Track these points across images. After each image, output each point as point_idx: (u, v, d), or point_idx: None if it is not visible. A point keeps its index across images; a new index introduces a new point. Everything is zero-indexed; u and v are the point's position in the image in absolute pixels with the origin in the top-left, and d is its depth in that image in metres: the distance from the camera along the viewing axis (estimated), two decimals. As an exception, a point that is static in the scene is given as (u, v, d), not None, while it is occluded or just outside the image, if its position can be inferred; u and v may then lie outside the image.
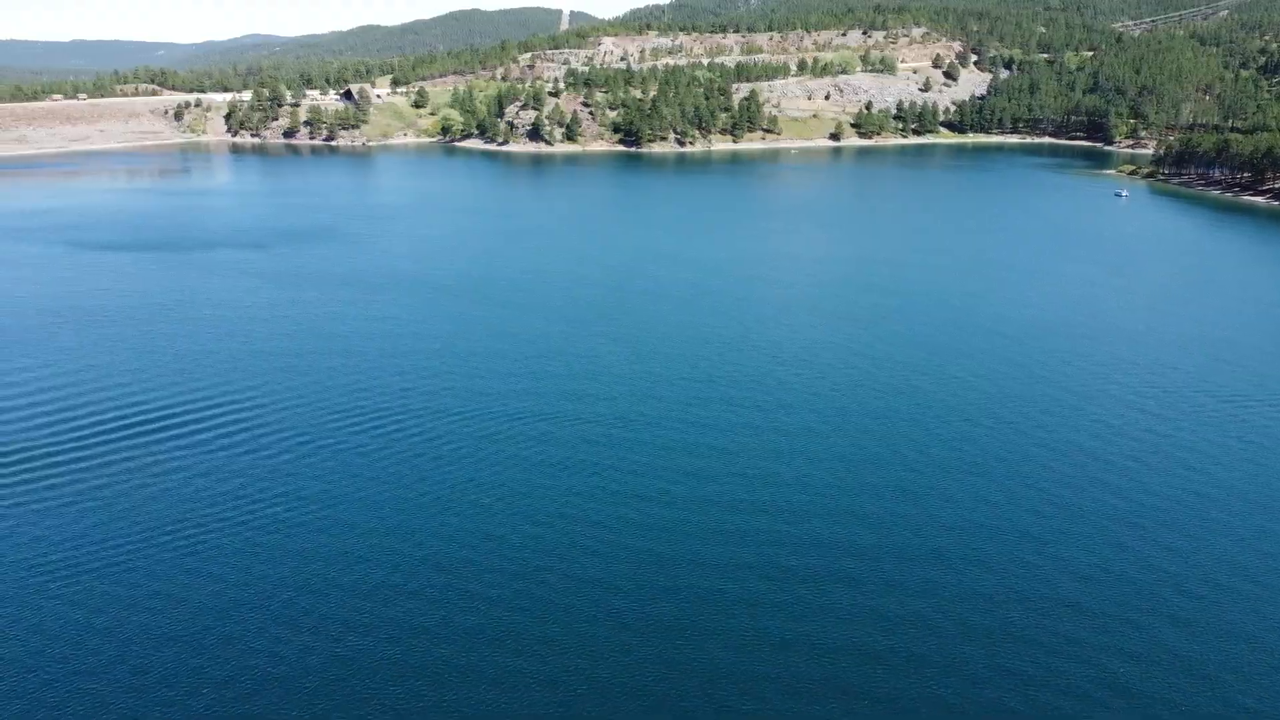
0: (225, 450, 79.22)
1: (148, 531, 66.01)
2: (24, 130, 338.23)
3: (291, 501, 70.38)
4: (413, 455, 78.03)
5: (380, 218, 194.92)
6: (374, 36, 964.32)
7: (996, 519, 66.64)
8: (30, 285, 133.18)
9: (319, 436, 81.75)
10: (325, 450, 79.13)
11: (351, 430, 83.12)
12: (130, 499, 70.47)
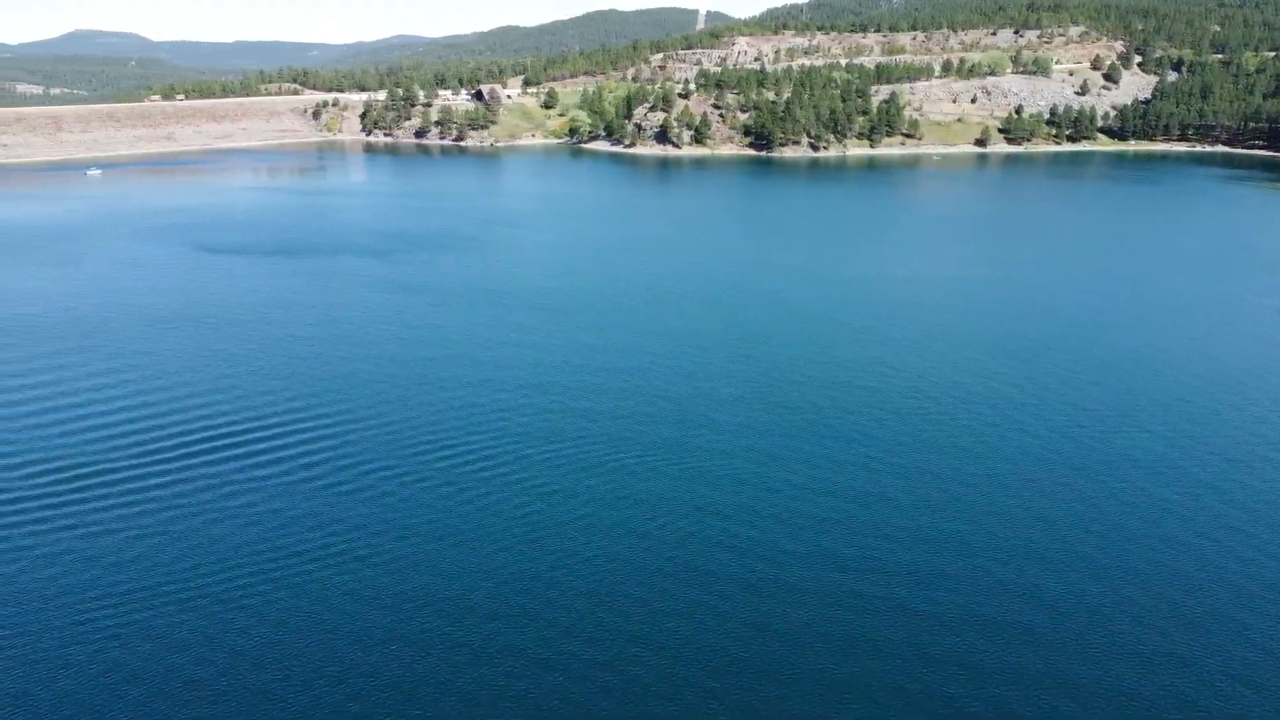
0: (308, 469, 74.26)
1: (224, 560, 61.40)
2: (172, 128, 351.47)
3: (371, 532, 64.31)
4: (509, 486, 70.64)
5: (500, 223, 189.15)
6: (513, 37, 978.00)
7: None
8: (144, 288, 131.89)
9: (407, 461, 75.33)
10: (412, 477, 72.69)
11: (442, 457, 76.37)
12: (207, 521, 65.64)
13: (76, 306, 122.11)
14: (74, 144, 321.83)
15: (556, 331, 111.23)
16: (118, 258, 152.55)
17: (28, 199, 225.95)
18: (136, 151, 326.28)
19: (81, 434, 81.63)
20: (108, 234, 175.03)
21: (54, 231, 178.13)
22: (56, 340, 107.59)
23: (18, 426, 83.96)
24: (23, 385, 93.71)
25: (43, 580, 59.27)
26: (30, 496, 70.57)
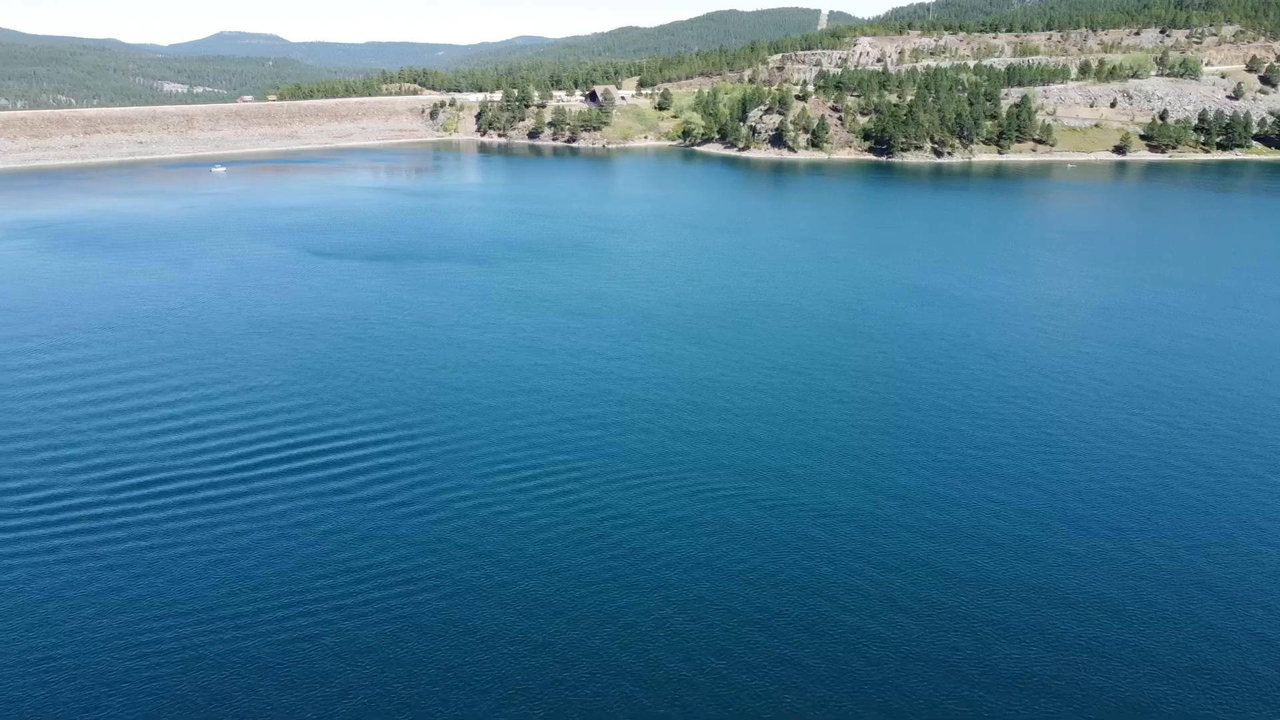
0: (385, 483, 71.06)
1: (287, 580, 58.69)
2: (296, 127, 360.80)
3: (446, 557, 60.57)
4: (596, 511, 65.77)
5: (607, 229, 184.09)
6: (631, 38, 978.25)
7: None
8: (248, 290, 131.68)
9: (489, 480, 71.49)
10: (494, 498, 68.84)
11: (526, 477, 72.30)
12: (277, 535, 62.47)
13: (181, 306, 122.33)
14: (203, 142, 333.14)
15: (657, 347, 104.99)
16: (228, 257, 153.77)
17: (154, 195, 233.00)
18: (261, 149, 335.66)
19: (163, 438, 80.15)
20: (222, 232, 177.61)
21: (173, 229, 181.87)
22: (156, 341, 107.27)
23: (99, 426, 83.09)
24: (114, 383, 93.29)
25: (106, 590, 57.48)
26: (104, 501, 69.04)
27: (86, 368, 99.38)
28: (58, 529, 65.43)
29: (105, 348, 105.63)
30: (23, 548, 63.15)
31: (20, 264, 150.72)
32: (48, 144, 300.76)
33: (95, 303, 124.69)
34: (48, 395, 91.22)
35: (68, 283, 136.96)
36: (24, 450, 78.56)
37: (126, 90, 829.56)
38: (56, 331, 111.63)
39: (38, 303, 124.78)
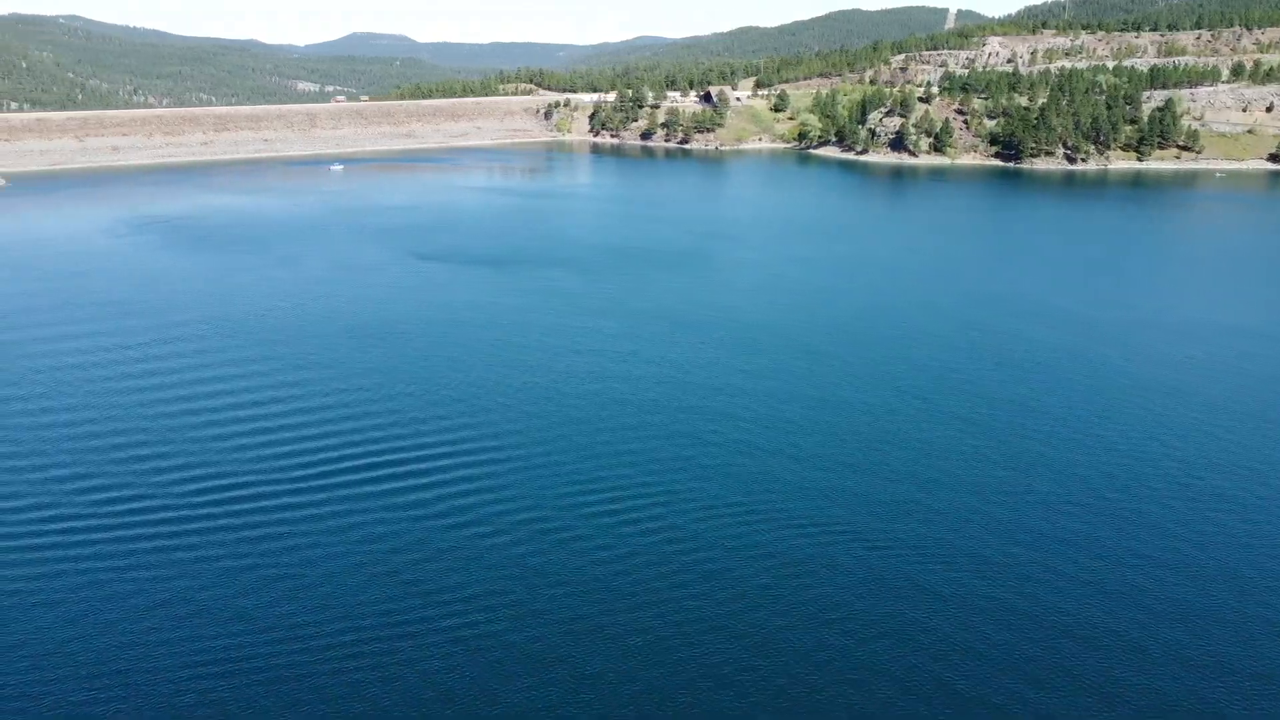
0: (463, 499, 68.18)
1: (354, 599, 56.29)
2: (414, 126, 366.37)
3: (518, 581, 57.25)
4: (675, 550, 59.77)
5: (716, 235, 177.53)
6: (751, 38, 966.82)
7: None
8: (349, 294, 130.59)
9: (565, 503, 67.49)
10: (566, 522, 64.87)
11: (609, 505, 67.98)
12: (346, 549, 60.48)
13: (280, 308, 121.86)
14: (325, 140, 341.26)
15: (762, 361, 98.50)
16: (332, 258, 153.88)
17: (272, 192, 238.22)
18: (379, 148, 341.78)
19: (246, 441, 78.95)
20: (330, 232, 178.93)
21: (284, 227, 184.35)
22: (251, 343, 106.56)
23: (186, 424, 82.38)
24: (206, 384, 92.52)
25: (174, 596, 56.30)
26: (183, 505, 68.04)
27: (182, 365, 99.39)
28: (134, 531, 64.41)
29: (202, 347, 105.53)
30: (98, 549, 62.12)
31: (136, 259, 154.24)
32: (180, 141, 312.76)
33: (199, 301, 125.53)
34: (142, 393, 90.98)
35: (176, 279, 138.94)
36: (112, 447, 78.19)
37: (262, 89, 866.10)
38: (159, 330, 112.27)
39: (146, 300, 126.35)
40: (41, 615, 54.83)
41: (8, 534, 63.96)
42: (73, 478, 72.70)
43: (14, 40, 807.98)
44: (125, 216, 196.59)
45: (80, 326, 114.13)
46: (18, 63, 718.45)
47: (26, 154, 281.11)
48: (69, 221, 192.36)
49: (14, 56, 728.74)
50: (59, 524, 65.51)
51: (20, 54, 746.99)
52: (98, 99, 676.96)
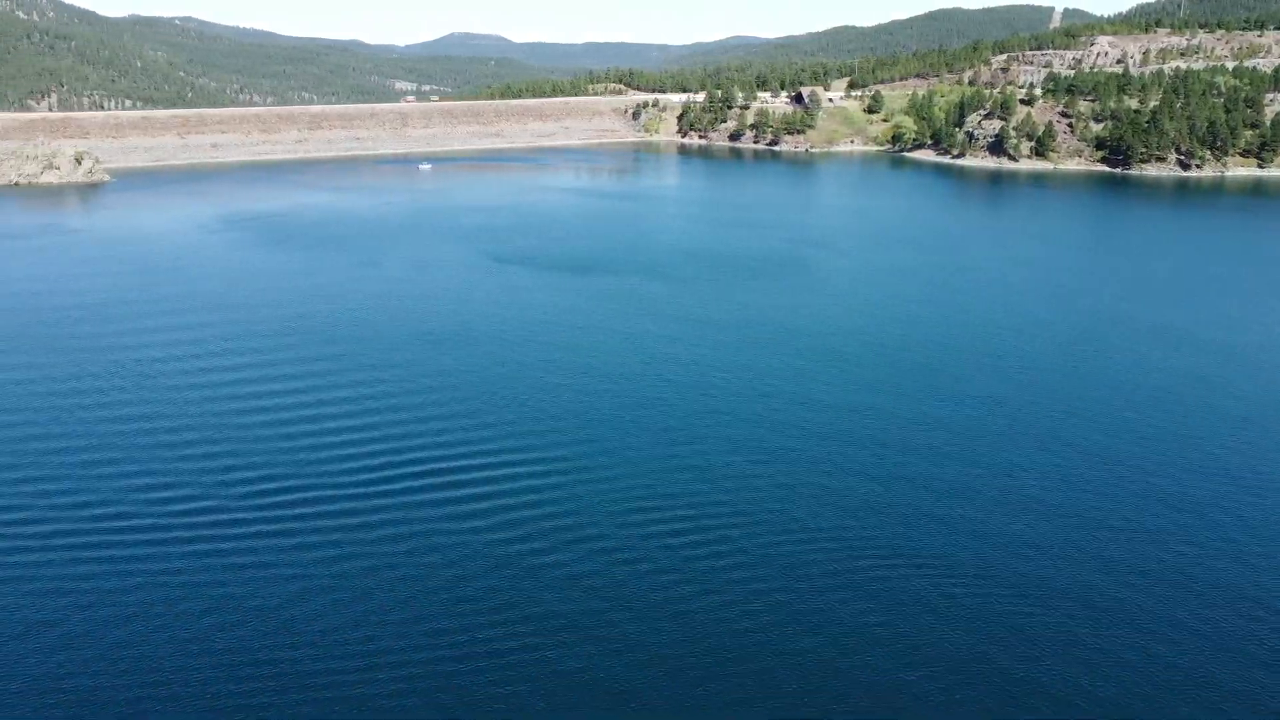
0: (524, 511, 65.63)
1: (405, 617, 54.07)
2: (502, 125, 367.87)
3: (579, 603, 52.94)
4: (748, 575, 55.05)
5: (805, 241, 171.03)
6: (846, 37, 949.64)
7: None
8: (422, 295, 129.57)
9: (638, 529, 63.70)
10: (642, 553, 60.53)
11: (679, 525, 64.51)
12: (406, 559, 57.86)
13: (356, 309, 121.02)
14: (415, 139, 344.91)
15: (846, 377, 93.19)
16: (413, 259, 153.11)
17: (360, 191, 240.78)
18: (468, 147, 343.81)
19: (312, 442, 78.24)
20: (412, 232, 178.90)
21: (368, 226, 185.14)
22: (325, 344, 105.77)
23: (256, 423, 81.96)
24: (279, 384, 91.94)
25: (223, 602, 55.01)
26: (244, 508, 67.27)
27: (253, 363, 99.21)
28: (193, 533, 63.66)
29: (275, 346, 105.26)
30: (154, 550, 61.55)
31: (224, 256, 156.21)
32: (276, 139, 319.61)
33: (278, 300, 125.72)
34: (212, 390, 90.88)
35: (259, 276, 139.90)
36: (183, 443, 78.23)
37: (361, 88, 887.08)
38: (236, 328, 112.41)
39: (227, 297, 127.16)
40: (98, 612, 54.41)
41: (76, 530, 63.75)
42: (138, 473, 72.78)
43: (131, 41, 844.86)
44: (219, 212, 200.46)
45: (164, 320, 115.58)
46: (133, 62, 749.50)
47: (132, 150, 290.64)
48: (166, 217, 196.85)
49: (130, 56, 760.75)
50: (122, 521, 65.32)
51: (136, 54, 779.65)
52: (205, 97, 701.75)
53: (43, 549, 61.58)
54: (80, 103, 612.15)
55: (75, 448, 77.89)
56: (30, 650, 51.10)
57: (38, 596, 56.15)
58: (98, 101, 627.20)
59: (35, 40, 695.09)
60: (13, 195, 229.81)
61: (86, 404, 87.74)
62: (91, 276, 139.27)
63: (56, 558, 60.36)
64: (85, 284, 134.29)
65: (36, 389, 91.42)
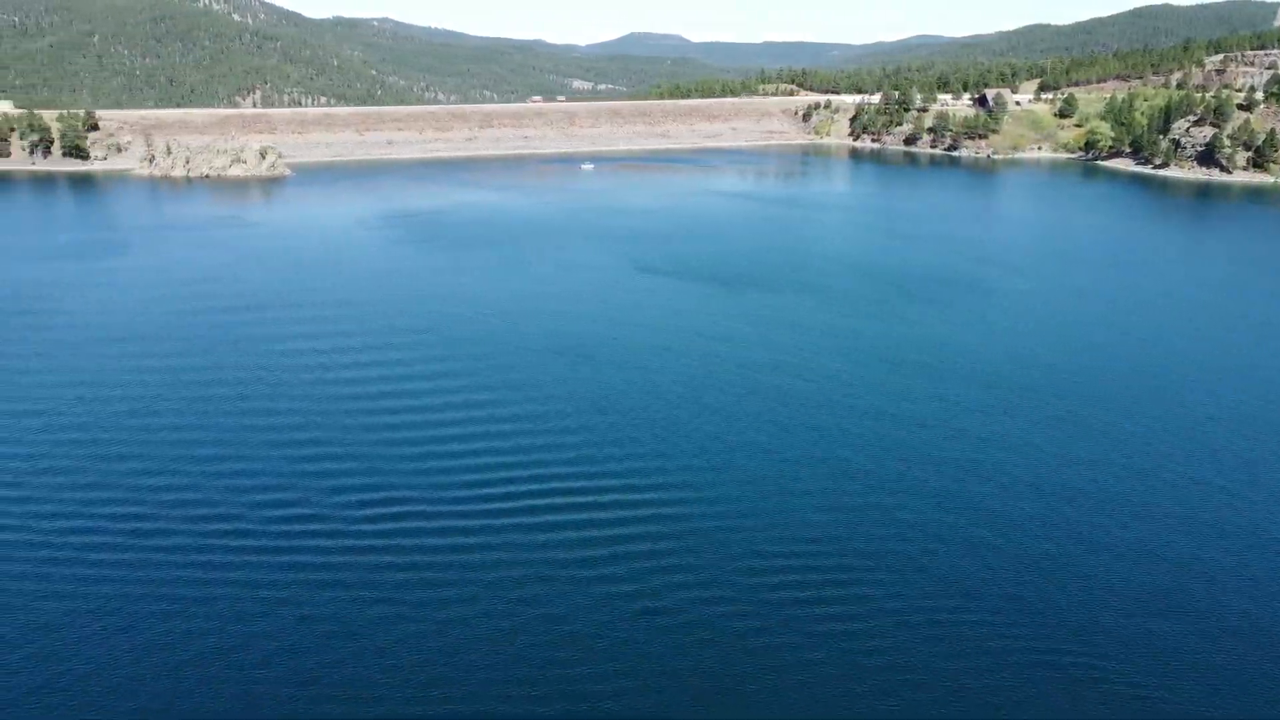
0: (641, 563, 59.78)
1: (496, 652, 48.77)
2: (668, 126, 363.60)
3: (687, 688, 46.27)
4: (876, 661, 47.05)
5: (984, 260, 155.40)
6: (1040, 36, 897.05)
7: None
8: (561, 302, 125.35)
9: (756, 590, 55.31)
10: (761, 621, 52.73)
11: (801, 590, 56.75)
12: (505, 604, 53.56)
13: (493, 315, 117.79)
14: (580, 138, 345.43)
15: (1012, 427, 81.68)
16: (559, 262, 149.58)
17: (520, 190, 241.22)
18: (633, 147, 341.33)
19: (427, 453, 76.03)
20: (564, 235, 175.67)
21: (521, 227, 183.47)
22: (458, 349, 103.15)
23: (372, 425, 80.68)
24: (405, 390, 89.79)
25: (317, 615, 51.80)
26: (345, 518, 65.56)
27: (379, 364, 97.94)
28: (296, 542, 62.46)
29: (404, 349, 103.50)
30: (246, 557, 60.49)
31: (379, 253, 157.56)
32: (447, 137, 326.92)
33: (418, 301, 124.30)
34: (343, 393, 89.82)
35: (406, 275, 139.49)
36: (297, 443, 78.10)
37: (540, 86, 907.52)
38: (373, 329, 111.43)
39: (372, 296, 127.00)
40: (199, 610, 53.67)
41: (172, 530, 62.07)
42: (251, 475, 72.49)
43: (331, 40, 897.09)
44: (382, 208, 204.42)
45: (308, 318, 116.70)
46: (331, 61, 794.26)
47: (314, 146, 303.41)
48: (333, 212, 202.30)
49: (329, 55, 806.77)
50: (223, 524, 64.72)
51: (334, 53, 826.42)
52: (393, 94, 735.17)
53: (138, 547, 61.05)
54: (281, 99, 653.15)
55: (200, 440, 78.41)
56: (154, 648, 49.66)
57: (140, 601, 55.04)
58: (296, 98, 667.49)
59: (245, 41, 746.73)
60: (203, 187, 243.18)
61: (219, 397, 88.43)
62: (252, 271, 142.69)
63: (137, 558, 58.45)
64: (245, 278, 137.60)
65: (178, 381, 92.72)
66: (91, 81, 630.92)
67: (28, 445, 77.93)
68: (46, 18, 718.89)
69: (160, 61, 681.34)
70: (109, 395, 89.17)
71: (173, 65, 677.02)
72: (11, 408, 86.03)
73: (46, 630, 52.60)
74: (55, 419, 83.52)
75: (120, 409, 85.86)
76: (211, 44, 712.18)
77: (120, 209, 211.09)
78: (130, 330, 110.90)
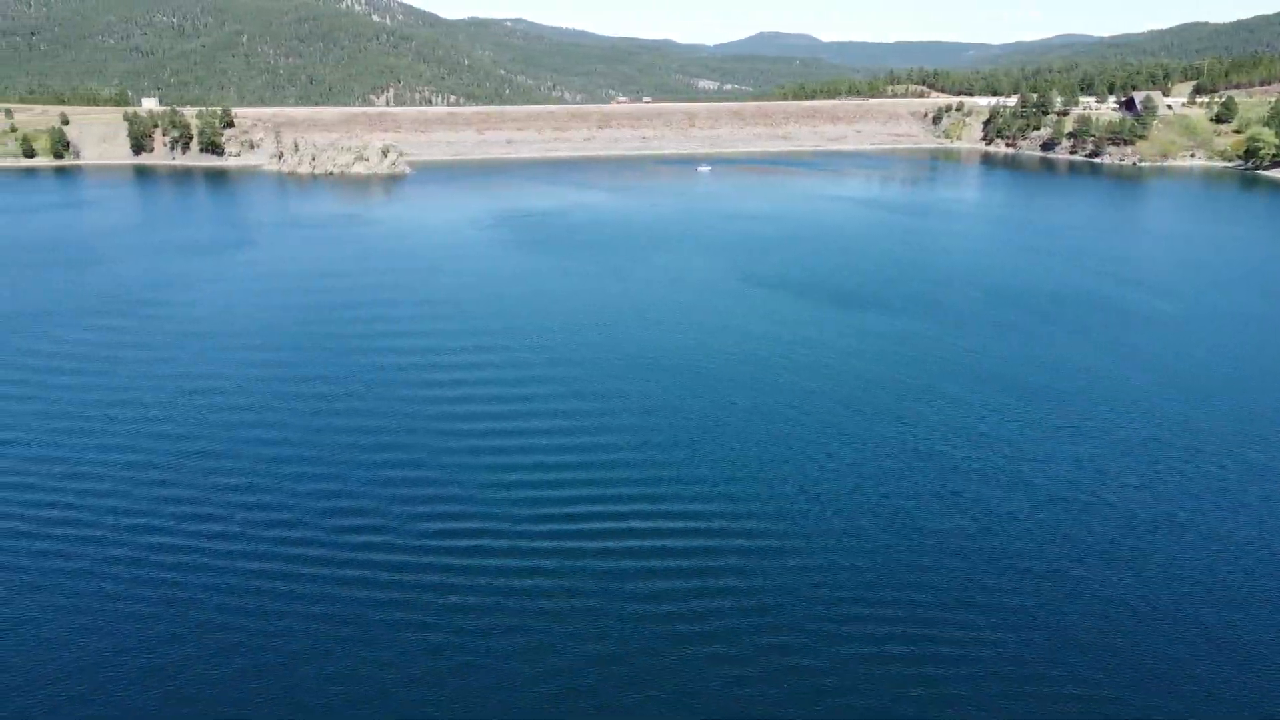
0: (725, 621, 51.61)
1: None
2: (790, 127, 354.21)
3: None
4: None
5: (1127, 279, 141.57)
6: (1196, 35, 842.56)
7: None
8: (661, 314, 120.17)
9: (854, 656, 49.43)
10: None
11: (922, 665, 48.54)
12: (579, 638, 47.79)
13: (587, 325, 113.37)
14: (699, 139, 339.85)
15: (1156, 469, 72.14)
16: (663, 269, 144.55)
17: (633, 191, 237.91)
18: (752, 149, 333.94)
19: (480, 462, 74.02)
20: (674, 239, 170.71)
21: (628, 231, 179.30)
22: (542, 358, 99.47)
23: (446, 431, 78.08)
24: (485, 398, 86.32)
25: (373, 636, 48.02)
26: (407, 531, 63.24)
27: (465, 373, 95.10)
28: (362, 555, 60.32)
29: (493, 359, 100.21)
30: (326, 570, 58.47)
31: (483, 256, 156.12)
32: (566, 137, 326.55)
33: (513, 308, 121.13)
34: (425, 397, 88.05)
35: (509, 281, 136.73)
36: (378, 446, 77.12)
37: (665, 86, 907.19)
38: (466, 335, 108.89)
39: (472, 301, 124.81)
40: (239, 627, 48.82)
41: (238, 533, 60.19)
42: (314, 476, 71.91)
43: (465, 41, 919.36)
44: (495, 208, 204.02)
45: (405, 310, 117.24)
46: (462, 61, 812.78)
47: (435, 145, 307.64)
48: (447, 213, 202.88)
49: (460, 55, 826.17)
50: (294, 530, 63.51)
51: (465, 53, 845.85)
52: (521, 94, 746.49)
53: (225, 554, 59.68)
54: (412, 97, 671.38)
55: (281, 440, 77.79)
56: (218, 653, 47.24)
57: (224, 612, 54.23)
58: (426, 97, 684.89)
59: (382, 41, 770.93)
60: (326, 184, 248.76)
61: (306, 396, 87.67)
62: (362, 271, 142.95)
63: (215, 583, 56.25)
64: (354, 278, 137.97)
65: (274, 384, 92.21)
66: (238, 79, 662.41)
67: (119, 437, 78.99)
68: (202, 19, 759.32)
69: (302, 60, 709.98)
70: (202, 388, 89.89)
71: (313, 64, 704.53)
72: (109, 397, 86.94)
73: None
74: (148, 410, 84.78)
75: (211, 402, 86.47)
76: (350, 44, 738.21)
77: (248, 205, 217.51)
78: (234, 326, 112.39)
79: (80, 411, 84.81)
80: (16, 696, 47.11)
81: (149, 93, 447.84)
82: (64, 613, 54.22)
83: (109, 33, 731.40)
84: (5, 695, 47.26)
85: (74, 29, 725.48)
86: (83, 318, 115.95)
